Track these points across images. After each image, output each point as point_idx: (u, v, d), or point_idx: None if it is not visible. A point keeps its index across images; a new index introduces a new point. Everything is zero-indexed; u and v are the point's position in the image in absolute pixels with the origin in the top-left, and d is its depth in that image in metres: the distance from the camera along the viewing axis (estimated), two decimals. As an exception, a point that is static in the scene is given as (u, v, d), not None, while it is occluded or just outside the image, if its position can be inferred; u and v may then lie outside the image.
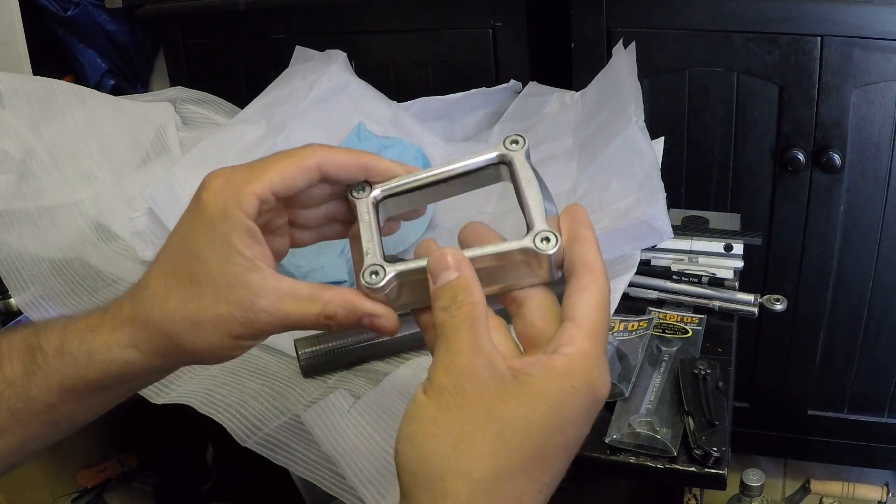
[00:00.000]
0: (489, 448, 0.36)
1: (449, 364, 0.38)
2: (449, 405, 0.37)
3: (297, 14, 1.37)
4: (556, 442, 0.37)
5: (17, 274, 0.85)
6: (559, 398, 0.37)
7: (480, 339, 0.38)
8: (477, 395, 0.37)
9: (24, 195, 0.95)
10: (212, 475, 1.28)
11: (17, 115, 1.00)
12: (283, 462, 0.66)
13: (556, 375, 0.37)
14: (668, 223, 0.81)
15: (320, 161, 0.44)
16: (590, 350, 0.38)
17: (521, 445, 0.36)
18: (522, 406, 0.36)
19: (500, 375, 0.37)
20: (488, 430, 0.36)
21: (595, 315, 0.39)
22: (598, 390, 0.38)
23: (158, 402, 0.72)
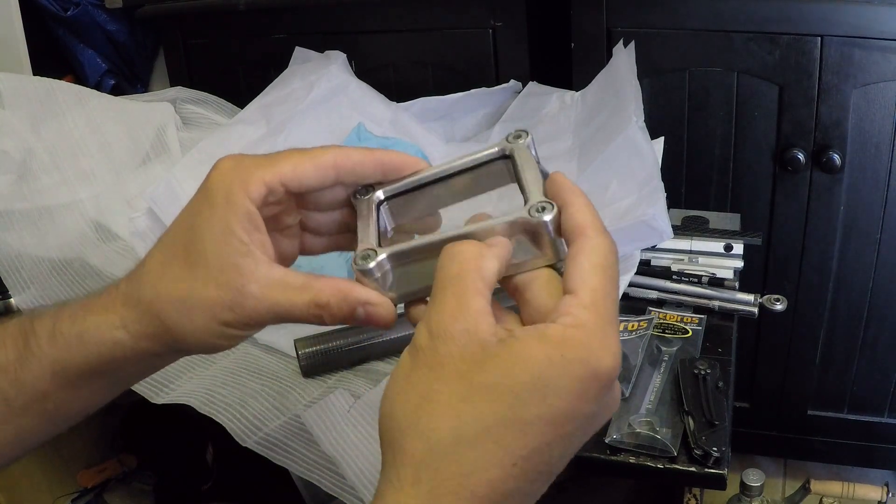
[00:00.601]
0: (453, 410, 0.34)
1: (430, 323, 0.36)
2: (421, 365, 0.35)
3: (297, 14, 1.37)
4: (536, 411, 0.33)
5: (17, 274, 0.85)
6: (544, 365, 0.34)
7: (470, 297, 0.36)
8: (450, 357, 0.35)
9: (24, 195, 0.95)
10: (212, 475, 1.28)
11: (17, 115, 1.00)
12: (283, 462, 0.66)
13: (544, 343, 0.34)
14: (668, 223, 0.81)
15: (336, 159, 0.43)
16: (588, 320, 0.35)
17: (490, 410, 0.33)
18: (499, 370, 0.34)
19: (480, 339, 0.35)
20: (455, 391, 0.34)
21: (592, 279, 0.37)
22: (597, 364, 0.34)
23: (158, 402, 0.72)
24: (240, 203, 0.41)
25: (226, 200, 0.41)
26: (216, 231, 0.41)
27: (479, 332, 0.35)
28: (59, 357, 0.43)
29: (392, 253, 0.42)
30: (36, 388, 0.44)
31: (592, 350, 0.35)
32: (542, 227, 0.39)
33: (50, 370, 0.43)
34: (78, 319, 0.43)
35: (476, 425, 0.34)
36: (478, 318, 0.36)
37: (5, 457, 0.47)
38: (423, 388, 0.35)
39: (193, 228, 0.42)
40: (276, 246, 0.44)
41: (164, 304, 0.41)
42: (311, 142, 1.09)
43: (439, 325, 0.36)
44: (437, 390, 0.34)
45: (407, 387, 0.36)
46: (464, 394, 0.34)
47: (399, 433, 0.35)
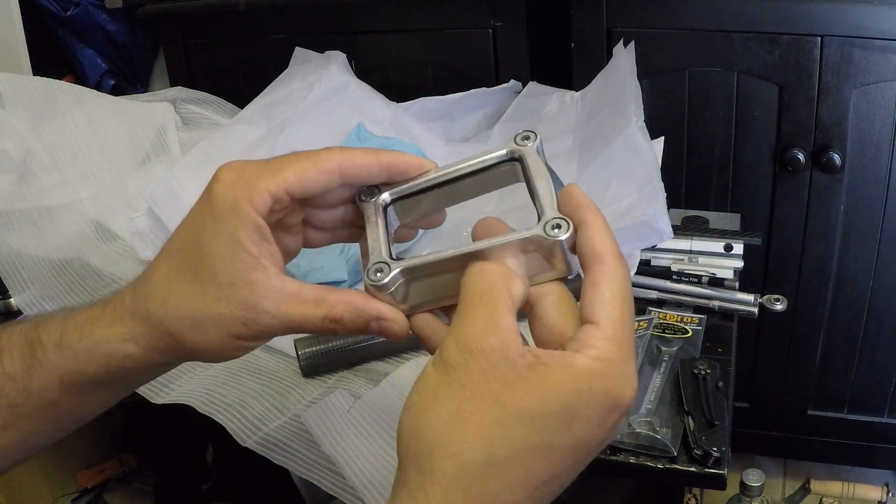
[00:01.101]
0: (485, 432, 0.34)
1: (460, 338, 0.36)
2: (451, 381, 0.35)
3: (297, 14, 1.37)
4: (561, 439, 0.35)
5: (17, 274, 0.85)
6: (572, 396, 0.35)
7: (499, 315, 0.36)
8: (482, 376, 0.35)
9: (24, 195, 0.95)
10: (212, 475, 1.28)
11: (17, 115, 1.00)
12: (283, 462, 0.66)
13: (573, 373, 0.35)
14: (668, 223, 0.81)
15: (340, 164, 0.42)
16: (613, 355, 0.36)
17: (521, 435, 0.34)
18: (530, 397, 0.35)
19: (511, 360, 0.35)
20: (488, 414, 0.34)
21: (614, 312, 0.37)
22: (618, 396, 0.36)
23: (158, 402, 0.72)
24: (247, 216, 0.40)
25: (232, 214, 0.40)
26: (224, 246, 0.40)
27: (510, 352, 0.35)
28: (67, 368, 0.43)
29: (405, 268, 0.41)
30: (43, 397, 0.44)
31: (616, 383, 0.36)
32: (558, 246, 0.39)
33: (58, 380, 0.43)
34: (86, 332, 0.43)
35: (506, 449, 0.34)
36: (509, 337, 0.36)
37: (13, 459, 0.47)
38: (454, 406, 0.35)
39: (200, 243, 0.41)
40: (280, 243, 0.44)
41: (176, 321, 0.41)
42: (311, 142, 1.10)
43: (471, 340, 0.36)
44: (469, 410, 0.35)
45: (435, 403, 0.35)
46: (496, 417, 0.34)
47: (427, 451, 0.35)
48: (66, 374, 0.43)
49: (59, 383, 0.43)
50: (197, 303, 0.41)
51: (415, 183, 0.45)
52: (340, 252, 0.88)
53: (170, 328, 0.41)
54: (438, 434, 0.35)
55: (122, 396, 0.48)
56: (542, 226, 0.39)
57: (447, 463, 0.34)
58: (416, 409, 0.36)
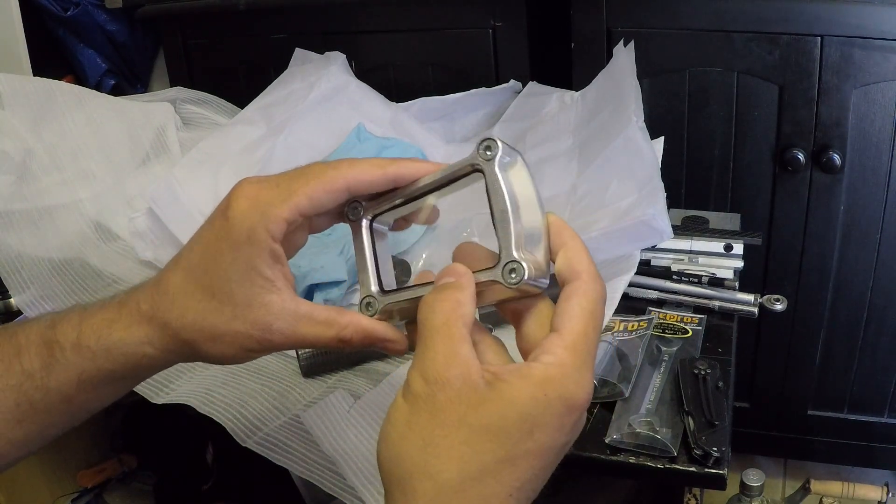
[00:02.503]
0: (456, 452, 0.37)
1: (424, 371, 0.39)
2: (421, 411, 0.38)
3: (297, 14, 1.37)
4: (525, 447, 0.38)
5: (17, 274, 0.85)
6: (529, 405, 0.38)
7: (457, 344, 0.39)
8: (448, 403, 0.38)
9: (24, 196, 0.95)
10: (212, 475, 1.28)
11: (17, 115, 1.00)
12: (283, 462, 0.66)
13: (528, 383, 0.38)
14: (668, 223, 0.81)
15: (349, 182, 0.44)
16: (567, 360, 0.39)
17: (488, 450, 0.37)
18: (492, 413, 0.37)
19: (473, 384, 0.38)
20: (456, 436, 0.37)
21: (578, 325, 0.40)
22: (572, 400, 0.38)
23: (158, 402, 0.72)
24: (264, 243, 0.43)
25: (249, 242, 0.43)
26: (241, 270, 0.43)
27: (471, 377, 0.38)
28: (85, 367, 0.46)
29: (389, 304, 0.46)
30: (61, 392, 0.46)
31: (569, 387, 0.38)
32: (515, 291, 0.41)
33: (76, 378, 0.46)
34: (103, 334, 0.45)
35: (477, 465, 0.37)
36: (468, 364, 0.39)
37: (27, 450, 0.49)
38: (426, 434, 0.38)
39: (217, 266, 0.43)
40: (291, 242, 0.47)
41: (194, 333, 0.44)
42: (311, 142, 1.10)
43: (434, 372, 0.38)
44: (440, 435, 0.38)
45: (409, 433, 0.38)
46: (464, 437, 0.37)
47: (408, 475, 0.38)
48: (85, 372, 0.46)
49: (76, 381, 0.46)
50: (214, 320, 0.44)
51: (391, 196, 0.47)
52: (340, 252, 0.88)
53: (186, 338, 0.44)
54: (415, 460, 0.38)
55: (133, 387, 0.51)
56: (499, 270, 0.41)
57: (427, 484, 0.37)
58: (391, 439, 0.39)
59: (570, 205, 0.92)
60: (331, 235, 0.91)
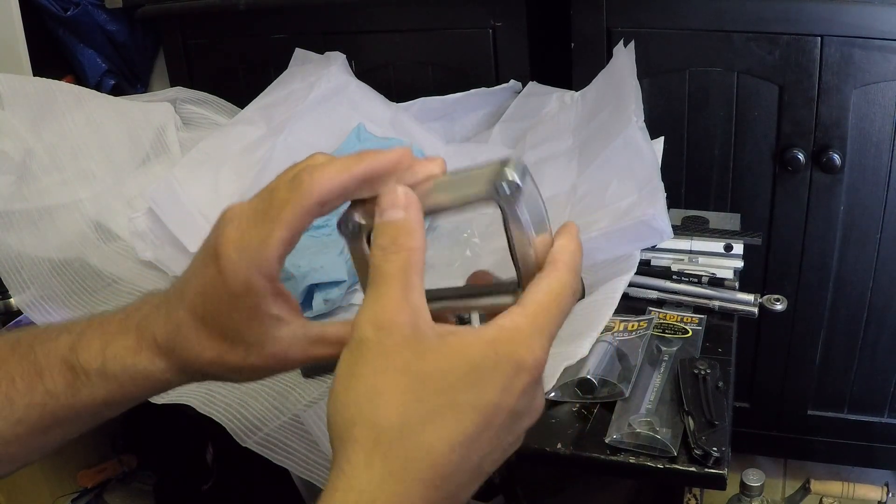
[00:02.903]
0: (398, 399, 0.36)
1: (372, 316, 0.38)
2: (367, 358, 0.37)
3: (297, 14, 1.37)
4: (469, 399, 0.37)
5: (17, 274, 0.85)
6: (477, 359, 0.37)
7: (411, 290, 0.38)
8: (395, 348, 0.37)
9: (24, 196, 0.95)
10: (212, 475, 1.28)
11: (17, 115, 1.00)
12: (283, 462, 0.66)
13: (480, 340, 0.38)
14: (668, 223, 0.81)
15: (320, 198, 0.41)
16: (522, 325, 0.38)
17: (429, 399, 0.37)
18: (438, 361, 0.37)
19: (422, 332, 0.38)
20: (401, 382, 0.37)
21: (541, 298, 0.39)
22: (521, 360, 0.38)
23: (158, 402, 0.72)
24: (261, 288, 0.42)
25: (248, 292, 0.42)
26: (246, 315, 0.43)
27: (420, 325, 0.38)
28: (112, 390, 0.47)
29: None
30: (88, 411, 0.48)
31: (519, 347, 0.38)
32: None
33: (103, 400, 0.47)
34: (128, 364, 0.46)
35: (419, 412, 0.36)
36: (419, 312, 0.38)
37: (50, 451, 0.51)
38: (370, 381, 0.37)
39: (220, 313, 0.43)
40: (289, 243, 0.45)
41: (215, 368, 0.45)
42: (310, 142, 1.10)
43: (383, 317, 0.38)
44: (383, 381, 0.37)
45: (353, 381, 0.37)
46: (408, 384, 0.37)
47: (350, 423, 0.37)
48: (110, 395, 0.47)
49: (102, 403, 0.47)
50: (230, 359, 0.44)
51: None
52: (340, 252, 0.88)
53: (210, 372, 0.46)
54: (359, 407, 0.37)
55: None
56: None
57: (366, 432, 0.36)
58: (336, 391, 0.38)
59: (570, 205, 0.92)
60: (330, 235, 0.91)
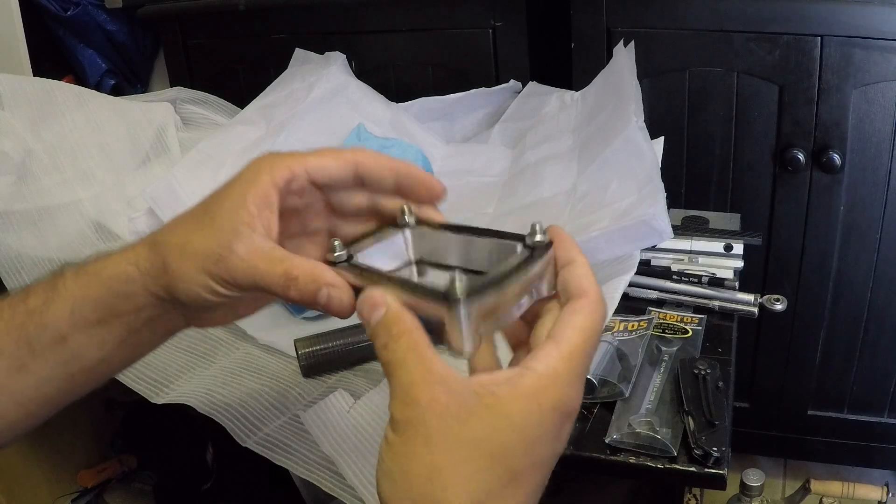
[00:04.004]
0: (462, 474, 0.36)
1: (406, 398, 0.38)
2: (416, 439, 0.37)
3: (297, 14, 1.37)
4: (526, 462, 0.37)
5: (17, 274, 0.85)
6: (524, 418, 0.37)
7: (430, 363, 0.38)
8: (441, 422, 0.37)
9: (24, 196, 0.95)
10: (212, 475, 1.28)
11: (17, 116, 1.00)
12: (283, 462, 0.66)
13: (520, 395, 0.37)
14: (668, 223, 0.81)
15: (357, 157, 0.47)
16: (561, 370, 0.38)
17: (490, 468, 0.36)
18: (487, 427, 0.37)
19: (459, 397, 0.37)
20: (458, 455, 0.36)
21: (578, 338, 0.39)
22: (565, 408, 0.38)
23: (158, 402, 0.72)
24: (261, 182, 0.45)
25: (250, 179, 0.45)
26: (233, 200, 0.45)
27: (455, 390, 0.37)
28: (78, 294, 0.47)
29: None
30: (56, 330, 0.47)
31: (563, 396, 0.38)
32: None
33: (69, 308, 0.47)
34: (102, 257, 0.48)
35: (485, 489, 0.36)
36: (448, 378, 0.38)
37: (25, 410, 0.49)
38: (427, 463, 0.37)
39: (215, 197, 0.46)
40: (302, 251, 0.48)
41: (169, 247, 0.46)
42: (310, 142, 1.10)
43: (415, 394, 0.37)
44: (441, 462, 0.36)
45: (409, 464, 0.37)
46: (465, 457, 0.36)
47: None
48: (76, 301, 0.47)
49: (69, 312, 0.47)
50: (190, 235, 0.45)
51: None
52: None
53: (163, 252, 0.46)
54: (424, 491, 0.37)
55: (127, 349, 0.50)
56: None
57: None
58: (393, 476, 0.38)
59: (570, 205, 0.92)
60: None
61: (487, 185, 1.06)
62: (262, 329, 0.82)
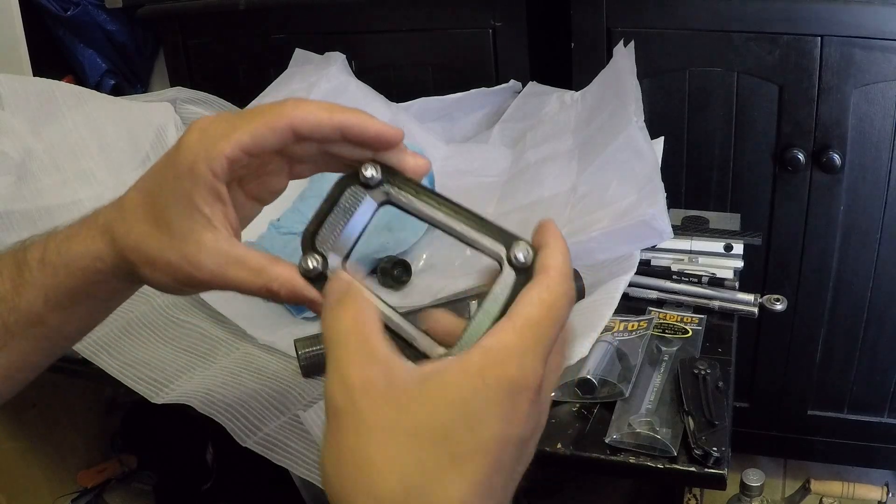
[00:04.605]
0: (394, 464, 0.33)
1: (339, 380, 0.35)
2: (347, 426, 0.34)
3: (297, 14, 1.37)
4: (469, 443, 0.33)
5: (17, 274, 0.84)
6: (466, 397, 0.33)
7: (372, 344, 0.35)
8: (374, 409, 0.34)
9: (24, 196, 0.95)
10: (212, 475, 1.28)
11: (17, 116, 1.00)
12: (283, 462, 0.66)
13: (465, 372, 0.34)
14: (668, 223, 0.81)
15: (293, 121, 0.42)
16: (512, 343, 0.35)
17: (428, 455, 0.33)
18: (425, 413, 0.34)
19: (398, 383, 0.34)
20: (390, 445, 0.33)
21: (533, 311, 0.36)
22: (516, 384, 0.34)
23: (158, 402, 0.72)
24: (202, 177, 0.42)
25: (189, 175, 0.42)
26: (180, 204, 0.43)
27: (395, 376, 0.35)
28: (49, 283, 0.46)
29: None
30: (31, 313, 0.47)
31: (510, 368, 0.34)
32: None
33: (42, 296, 0.46)
34: (63, 249, 0.46)
35: (419, 473, 0.33)
36: (390, 362, 0.35)
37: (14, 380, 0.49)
38: (358, 450, 0.34)
39: (161, 194, 0.44)
40: (265, 185, 0.47)
41: (134, 255, 0.44)
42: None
43: (352, 376, 0.34)
44: (373, 448, 0.33)
45: (340, 455, 0.34)
46: (400, 444, 0.33)
47: (350, 499, 0.34)
48: (49, 290, 0.46)
49: (43, 299, 0.46)
50: (151, 245, 0.44)
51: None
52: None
53: (129, 258, 0.45)
54: (354, 482, 0.34)
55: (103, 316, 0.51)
56: None
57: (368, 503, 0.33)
58: (326, 467, 0.35)
59: (570, 205, 0.92)
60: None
61: (487, 185, 1.06)
62: (262, 329, 0.82)
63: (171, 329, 0.82)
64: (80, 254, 0.46)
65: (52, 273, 0.46)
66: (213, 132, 0.42)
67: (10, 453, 1.10)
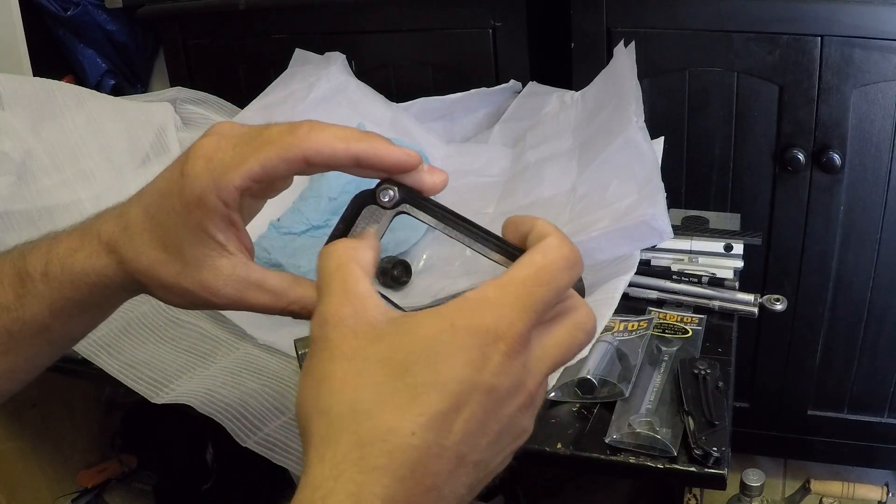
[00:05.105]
0: (348, 385, 0.34)
1: (318, 316, 0.37)
2: (317, 354, 0.36)
3: (297, 14, 1.37)
4: (427, 378, 0.33)
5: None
6: (432, 335, 0.34)
7: (353, 283, 0.37)
8: (342, 339, 0.35)
9: (24, 196, 0.95)
10: (212, 475, 1.28)
11: (17, 116, 1.00)
12: (283, 462, 0.66)
13: (436, 315, 0.35)
14: (668, 223, 0.81)
15: (306, 154, 0.41)
16: (491, 295, 0.35)
17: (383, 381, 0.34)
18: (389, 346, 0.34)
19: (369, 319, 0.36)
20: (349, 368, 0.34)
21: (518, 270, 0.36)
22: (486, 332, 0.34)
23: (158, 402, 0.72)
24: (213, 207, 0.41)
25: (200, 204, 0.41)
26: (192, 231, 0.42)
27: (367, 312, 0.36)
28: (54, 296, 0.46)
29: None
30: (36, 322, 0.46)
31: (483, 318, 0.34)
32: None
33: (48, 307, 0.46)
34: (66, 264, 0.45)
35: (371, 396, 0.34)
36: (365, 300, 0.36)
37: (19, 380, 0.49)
38: (318, 372, 0.35)
39: (170, 220, 0.42)
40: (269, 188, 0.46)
41: (145, 278, 0.44)
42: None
43: (328, 312, 0.36)
44: (331, 370, 0.35)
45: (306, 379, 0.36)
46: (358, 369, 0.34)
47: (306, 419, 0.35)
48: (55, 302, 0.46)
49: (49, 310, 0.46)
50: (164, 272, 0.43)
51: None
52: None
53: (139, 280, 0.44)
54: (311, 400, 0.35)
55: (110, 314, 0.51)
56: None
57: (319, 422, 0.34)
58: (298, 394, 0.36)
59: (570, 205, 0.92)
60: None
61: (487, 185, 1.06)
62: (262, 329, 0.82)
63: (171, 329, 0.82)
64: (86, 270, 0.45)
65: (58, 287, 0.45)
66: (220, 161, 0.41)
67: (10, 453, 1.10)
